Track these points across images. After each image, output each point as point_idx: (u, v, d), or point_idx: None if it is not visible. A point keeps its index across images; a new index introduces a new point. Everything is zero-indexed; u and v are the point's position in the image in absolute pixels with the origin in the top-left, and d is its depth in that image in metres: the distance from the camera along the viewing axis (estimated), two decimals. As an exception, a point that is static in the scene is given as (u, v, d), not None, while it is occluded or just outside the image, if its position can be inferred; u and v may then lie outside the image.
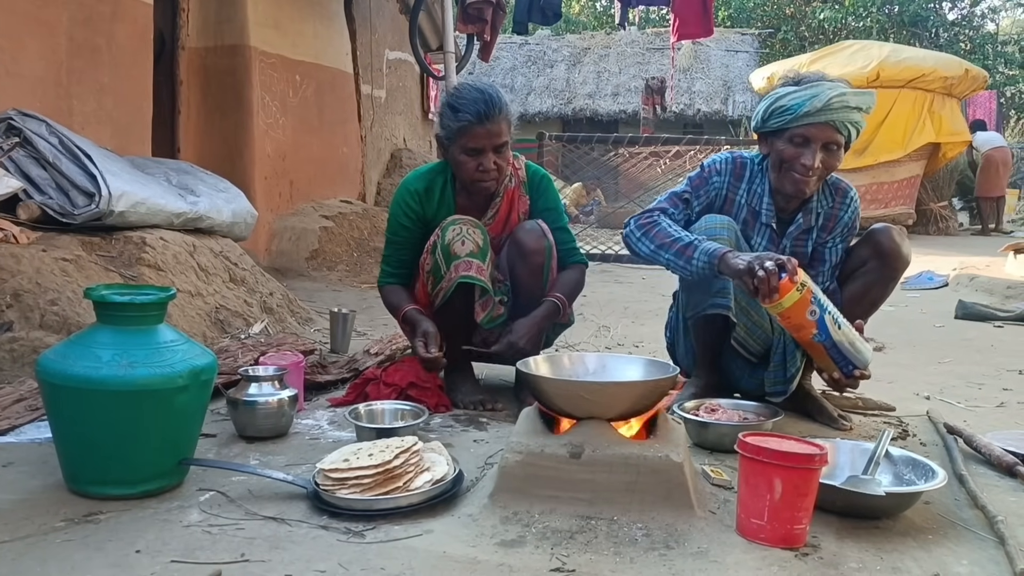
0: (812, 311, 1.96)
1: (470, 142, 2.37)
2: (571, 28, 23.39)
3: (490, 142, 2.37)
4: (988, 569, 1.49)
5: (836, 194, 2.42)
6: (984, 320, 4.60)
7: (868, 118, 2.33)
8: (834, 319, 2.00)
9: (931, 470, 1.75)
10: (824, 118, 2.22)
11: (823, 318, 1.97)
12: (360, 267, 5.97)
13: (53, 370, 1.65)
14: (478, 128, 2.35)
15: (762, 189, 2.41)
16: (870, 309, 2.41)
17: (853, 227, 2.43)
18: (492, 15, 7.72)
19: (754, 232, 2.43)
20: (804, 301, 1.96)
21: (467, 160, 2.40)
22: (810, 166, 2.24)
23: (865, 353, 2.07)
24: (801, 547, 1.53)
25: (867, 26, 20.16)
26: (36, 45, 3.68)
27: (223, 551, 1.47)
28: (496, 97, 2.38)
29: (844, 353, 2.05)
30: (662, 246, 2.29)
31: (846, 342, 2.03)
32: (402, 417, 2.17)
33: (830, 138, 2.25)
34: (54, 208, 3.11)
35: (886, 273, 2.35)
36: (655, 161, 9.92)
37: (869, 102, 2.26)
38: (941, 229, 11.37)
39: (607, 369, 1.94)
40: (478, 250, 2.39)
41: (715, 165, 2.46)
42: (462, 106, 2.36)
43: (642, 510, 1.61)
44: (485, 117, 2.34)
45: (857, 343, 2.06)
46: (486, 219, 2.54)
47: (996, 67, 19.97)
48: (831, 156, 2.27)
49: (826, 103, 2.21)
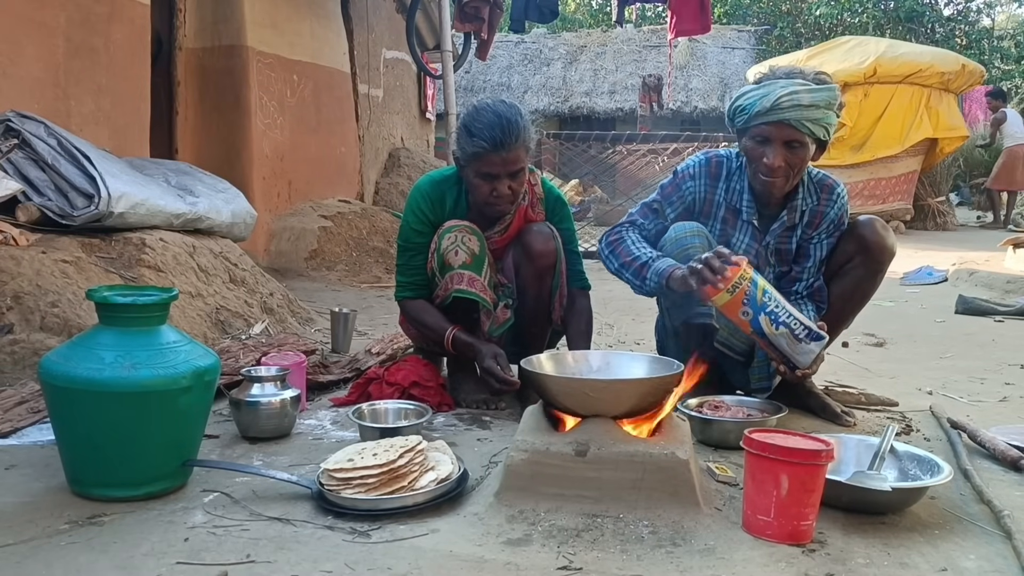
0: (745, 312, 2.01)
1: (484, 167, 2.30)
2: (567, 26, 23.36)
3: (505, 169, 2.30)
4: (996, 563, 1.49)
5: (822, 191, 2.38)
6: (984, 315, 4.60)
7: (865, 114, 2.34)
8: (773, 320, 2.01)
9: (936, 465, 1.75)
10: (776, 117, 2.19)
11: (757, 319, 2.01)
12: (359, 267, 5.97)
13: (56, 372, 1.65)
14: (492, 156, 2.27)
15: (741, 186, 2.39)
16: (861, 303, 2.40)
17: (841, 223, 2.38)
18: (489, 13, 7.72)
19: (735, 230, 2.41)
20: (735, 302, 2.00)
21: (481, 184, 2.33)
22: (771, 164, 2.22)
23: (803, 356, 2.07)
24: (808, 543, 1.53)
25: (863, 22, 20.16)
26: (33, 47, 3.67)
27: (228, 552, 1.46)
28: (514, 123, 2.28)
29: (783, 352, 2.07)
30: (624, 265, 2.32)
31: (784, 342, 2.05)
32: (405, 416, 2.17)
33: (789, 136, 2.21)
34: (53, 210, 3.10)
35: (872, 267, 2.33)
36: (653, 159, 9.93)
37: (827, 97, 2.20)
38: (939, 224, 11.37)
39: (611, 367, 1.93)
40: (472, 260, 2.36)
41: (688, 170, 2.44)
42: (478, 131, 2.27)
43: (648, 507, 1.60)
44: (500, 145, 2.26)
45: (798, 346, 2.06)
46: (494, 231, 2.49)
47: (992, 62, 19.97)
48: (794, 154, 2.23)
49: (775, 103, 2.18)
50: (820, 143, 2.27)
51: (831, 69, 10.53)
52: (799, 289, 2.39)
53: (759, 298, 2.01)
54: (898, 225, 10.71)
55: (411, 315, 2.52)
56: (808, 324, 2.06)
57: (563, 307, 2.51)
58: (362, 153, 7.55)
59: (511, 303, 2.50)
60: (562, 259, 2.48)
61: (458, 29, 7.84)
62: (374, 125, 8.10)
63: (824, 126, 2.22)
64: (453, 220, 2.42)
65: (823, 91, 2.21)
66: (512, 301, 2.50)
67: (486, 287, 2.40)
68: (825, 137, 2.25)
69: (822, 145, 2.28)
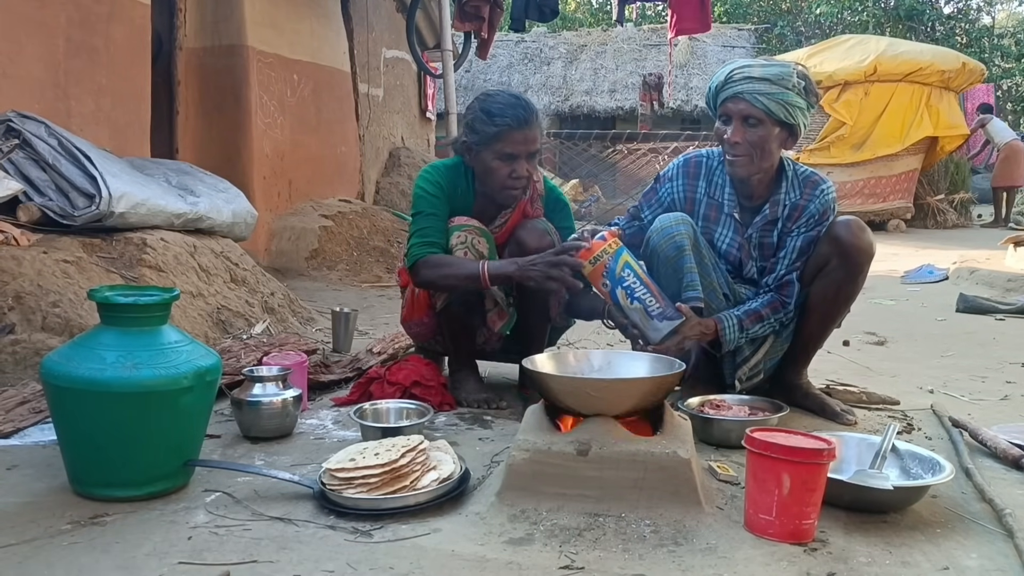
0: (604, 283, 2.14)
1: (507, 147, 2.32)
2: (568, 25, 23.36)
3: (526, 148, 2.34)
4: (997, 562, 1.49)
5: (807, 186, 2.39)
6: (985, 313, 4.60)
7: (865, 113, 2.36)
8: (628, 294, 2.13)
9: (938, 464, 1.75)
10: (731, 91, 2.27)
11: (615, 291, 2.13)
12: (360, 266, 5.97)
13: (57, 372, 1.65)
14: (516, 133, 2.31)
15: (723, 180, 2.43)
16: (845, 304, 2.38)
17: (822, 219, 2.35)
18: (489, 12, 7.71)
19: (718, 224, 2.44)
20: (596, 273, 2.13)
21: (500, 166, 2.34)
22: (730, 140, 2.28)
23: (652, 332, 2.16)
24: (810, 542, 1.53)
25: (863, 20, 20.16)
26: (34, 46, 3.67)
27: (231, 552, 1.46)
28: (532, 105, 2.39)
29: (636, 325, 2.18)
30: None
31: (637, 317, 2.16)
32: (407, 416, 2.17)
33: (745, 112, 2.26)
34: (54, 210, 3.10)
35: (851, 269, 2.30)
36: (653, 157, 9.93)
37: (779, 72, 2.24)
38: (939, 223, 11.36)
39: (613, 366, 1.93)
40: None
41: (667, 173, 2.52)
42: (499, 111, 2.32)
43: (650, 507, 1.60)
44: (524, 122, 2.32)
45: (650, 322, 2.16)
46: (494, 226, 2.50)
47: (992, 60, 19.97)
48: (753, 131, 2.27)
49: (728, 76, 2.28)
50: (787, 127, 2.28)
51: (831, 67, 10.55)
52: (768, 281, 2.39)
53: (618, 272, 2.12)
54: (899, 224, 10.71)
55: (433, 267, 2.34)
56: (663, 305, 2.15)
57: (561, 305, 2.49)
58: (362, 152, 7.55)
59: (512, 301, 2.50)
60: None
61: (458, 28, 7.84)
62: (374, 124, 8.10)
63: (782, 105, 2.24)
64: (462, 218, 2.42)
65: (774, 66, 2.27)
66: (512, 300, 2.51)
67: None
68: (787, 119, 2.26)
69: (791, 130, 2.29)
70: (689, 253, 2.27)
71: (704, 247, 2.36)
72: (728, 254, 2.44)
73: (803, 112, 2.28)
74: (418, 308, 2.55)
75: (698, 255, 2.31)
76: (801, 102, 2.26)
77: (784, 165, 2.41)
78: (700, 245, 2.33)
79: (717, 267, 2.40)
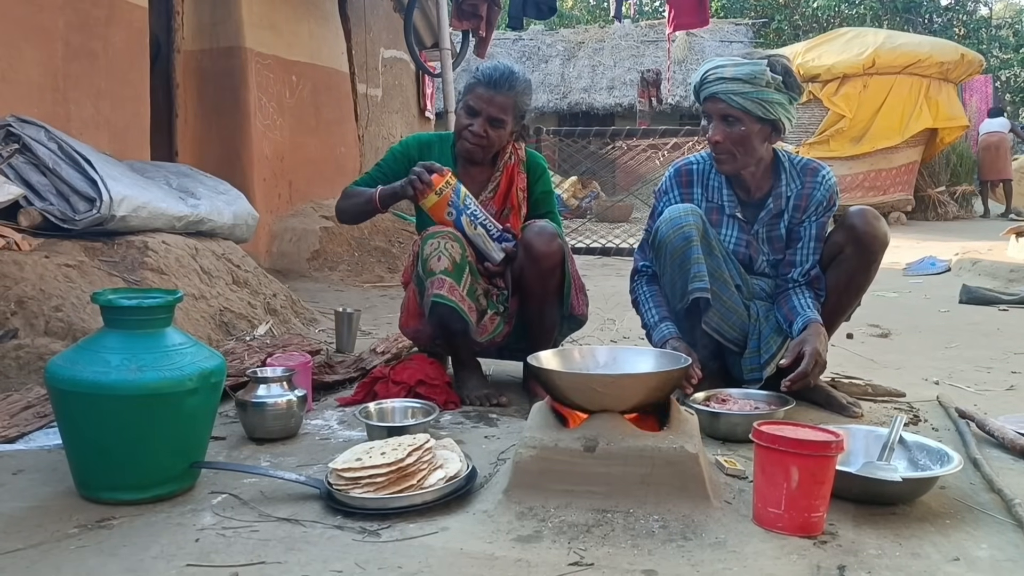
0: (449, 212, 2.40)
1: (470, 100, 2.51)
2: (565, 22, 23.36)
3: (487, 108, 2.48)
4: (1008, 552, 1.48)
5: (806, 175, 2.41)
6: (989, 304, 4.59)
7: (864, 105, 2.39)
8: (472, 220, 2.41)
9: (945, 455, 1.74)
10: (707, 92, 2.30)
11: (459, 218, 2.40)
12: (362, 266, 5.96)
13: (62, 376, 1.64)
14: (480, 89, 2.49)
15: (718, 182, 2.44)
16: (857, 294, 2.40)
17: (830, 204, 2.39)
18: (487, 11, 7.70)
19: (722, 226, 2.44)
20: (441, 204, 2.39)
21: (462, 116, 2.53)
22: (712, 139, 2.31)
23: (496, 253, 2.44)
24: (819, 535, 1.53)
25: (861, 13, 20.15)
26: (32, 51, 3.67)
27: (238, 554, 1.46)
28: (513, 75, 2.51)
29: (479, 249, 2.44)
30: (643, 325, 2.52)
31: (480, 241, 2.43)
32: (412, 415, 2.17)
33: (722, 111, 2.29)
34: (55, 214, 3.10)
35: (865, 257, 2.32)
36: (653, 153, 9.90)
37: (751, 71, 2.24)
38: (940, 215, 11.36)
39: (618, 362, 1.92)
40: (453, 268, 2.37)
41: (662, 187, 2.55)
42: (483, 69, 2.53)
43: (658, 502, 1.60)
44: (491, 84, 2.48)
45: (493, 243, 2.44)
46: (486, 193, 2.60)
47: (991, 51, 19.96)
48: (732, 128, 2.29)
49: (702, 77, 2.32)
50: (768, 123, 2.28)
51: (830, 61, 10.54)
52: (795, 276, 2.39)
53: (461, 201, 2.40)
54: (899, 216, 10.70)
55: (344, 198, 2.67)
56: (499, 227, 2.46)
57: (581, 295, 2.57)
58: (362, 153, 7.54)
59: (502, 310, 2.52)
60: (569, 256, 2.48)
61: (456, 27, 7.82)
62: (373, 124, 8.09)
63: (759, 103, 2.25)
64: (435, 227, 2.45)
65: (746, 65, 2.27)
66: (504, 308, 2.52)
67: (464, 296, 2.39)
68: (767, 115, 2.27)
69: (773, 125, 2.29)
70: (697, 244, 2.27)
71: (714, 238, 2.36)
72: (737, 253, 2.44)
73: (783, 107, 2.29)
74: (411, 316, 2.59)
75: (707, 246, 2.31)
76: (779, 97, 2.27)
77: (779, 157, 2.41)
78: (709, 236, 2.34)
79: (728, 258, 2.40)
